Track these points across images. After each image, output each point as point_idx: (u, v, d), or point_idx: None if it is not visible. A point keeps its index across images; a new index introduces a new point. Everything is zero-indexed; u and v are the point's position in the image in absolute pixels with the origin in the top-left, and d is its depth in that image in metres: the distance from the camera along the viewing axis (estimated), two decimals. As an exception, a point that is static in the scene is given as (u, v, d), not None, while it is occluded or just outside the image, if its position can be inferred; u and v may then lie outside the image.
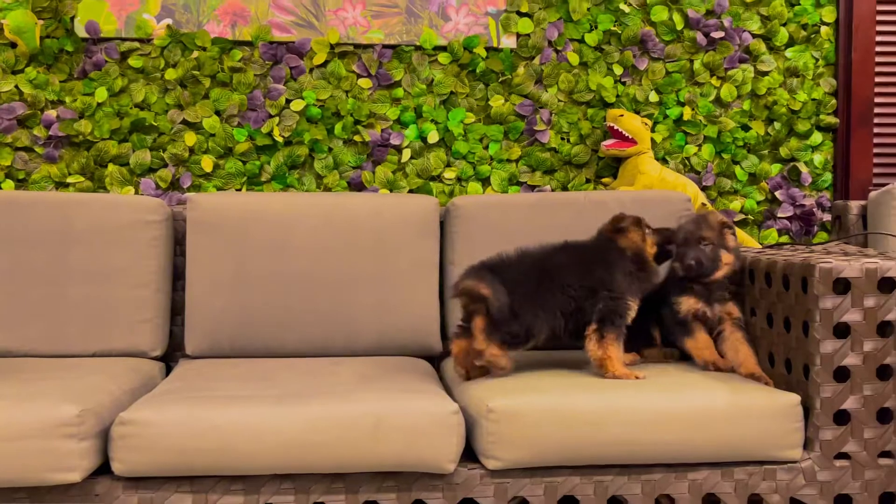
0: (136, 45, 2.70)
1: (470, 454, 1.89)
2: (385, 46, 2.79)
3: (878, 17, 2.97)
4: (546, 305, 2.04)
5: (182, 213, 2.51)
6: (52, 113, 2.67)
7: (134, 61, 2.70)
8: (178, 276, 2.49)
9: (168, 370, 2.43)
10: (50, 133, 2.67)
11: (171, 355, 2.48)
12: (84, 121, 2.68)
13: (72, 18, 2.68)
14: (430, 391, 1.92)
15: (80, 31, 2.68)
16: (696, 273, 2.15)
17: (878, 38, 2.97)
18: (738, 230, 2.82)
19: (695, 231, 2.17)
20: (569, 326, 2.07)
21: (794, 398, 1.89)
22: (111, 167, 2.70)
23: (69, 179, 2.68)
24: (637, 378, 2.01)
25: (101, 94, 2.68)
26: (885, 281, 1.91)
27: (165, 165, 2.72)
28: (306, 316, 2.38)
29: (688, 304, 2.19)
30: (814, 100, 2.96)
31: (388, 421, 1.77)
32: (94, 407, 1.78)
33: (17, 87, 2.68)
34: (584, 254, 2.15)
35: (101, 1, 2.68)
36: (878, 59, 2.97)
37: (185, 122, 2.73)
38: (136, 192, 2.70)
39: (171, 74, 2.71)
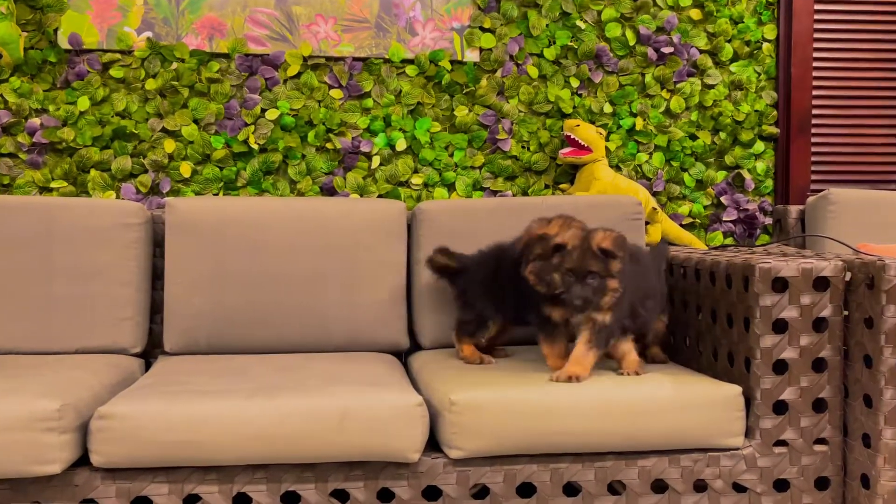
0: (118, 56, 2.67)
1: (434, 444, 1.89)
2: (355, 59, 2.78)
3: (815, 35, 3.00)
4: (497, 296, 2.08)
5: (161, 216, 2.48)
6: (35, 121, 2.63)
7: (115, 72, 2.66)
8: (157, 277, 2.47)
9: (147, 366, 2.41)
10: (34, 140, 2.63)
11: (151, 352, 2.46)
12: (67, 128, 2.64)
13: (55, 31, 2.64)
14: (396, 385, 1.92)
15: (63, 43, 2.64)
16: (582, 310, 1.94)
17: (816, 55, 3.01)
18: (686, 233, 2.84)
19: (581, 265, 1.91)
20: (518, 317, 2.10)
21: (736, 389, 1.91)
22: (93, 173, 2.66)
23: (53, 184, 2.65)
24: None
25: (84, 103, 2.64)
26: (819, 280, 1.93)
27: (145, 171, 2.70)
28: (280, 314, 2.37)
29: (559, 313, 2.02)
30: (756, 111, 2.99)
31: (354, 413, 1.76)
32: (74, 401, 1.75)
33: (1, 95, 2.63)
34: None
35: (83, 14, 2.64)
36: (815, 73, 3.01)
37: (164, 129, 2.70)
38: (118, 197, 2.67)
39: (151, 84, 2.68)
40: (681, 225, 2.93)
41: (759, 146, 3.00)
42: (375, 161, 2.79)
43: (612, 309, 1.94)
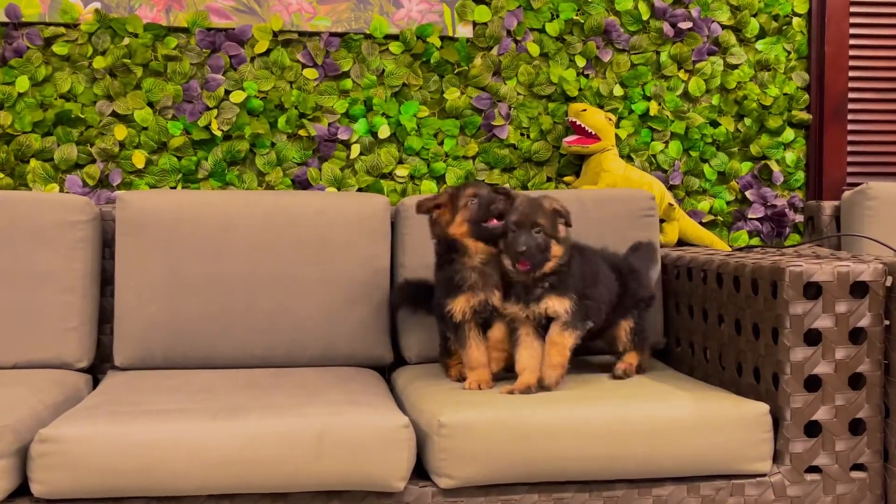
0: (62, 30, 2.67)
1: (421, 472, 1.89)
2: (332, 34, 2.78)
3: (852, 9, 3.02)
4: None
5: (111, 212, 2.48)
6: (-32, 103, 2.63)
7: (59, 48, 2.66)
8: (106, 281, 2.46)
9: (95, 383, 2.40)
10: (-34, 125, 2.63)
11: (99, 366, 2.45)
12: (3, 112, 2.64)
13: (-10, 1, 2.64)
14: (379, 404, 1.92)
15: (0, 15, 2.64)
16: (527, 267, 1.99)
17: (852, 31, 3.03)
18: (707, 232, 2.85)
19: (529, 214, 2.00)
20: None
21: (763, 408, 1.92)
22: (33, 163, 2.65)
23: (-13, 176, 2.64)
24: None
25: (23, 83, 2.63)
26: (857, 285, 1.94)
27: (93, 161, 2.69)
28: (246, 324, 2.37)
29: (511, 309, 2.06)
30: (785, 94, 3.00)
31: (332, 436, 1.76)
32: (13, 423, 1.74)
33: (-71, 75, 2.63)
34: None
35: (22, -18, 2.64)
36: (851, 52, 3.03)
37: (114, 114, 2.70)
38: (61, 190, 2.67)
39: (99, 63, 2.67)
40: (700, 223, 2.95)
41: (789, 134, 3.01)
42: (355, 150, 2.80)
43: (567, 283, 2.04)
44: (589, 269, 2.12)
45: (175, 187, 2.72)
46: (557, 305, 2.02)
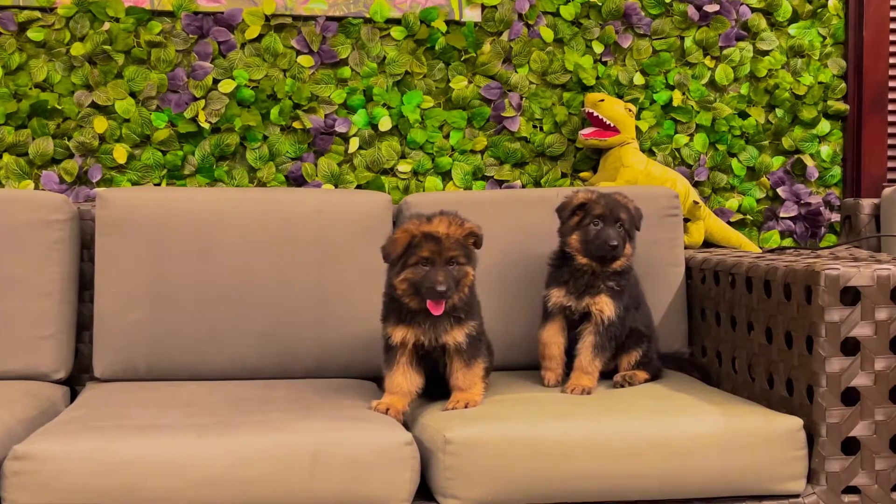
0: (37, 14, 2.67)
1: (425, 492, 1.89)
2: (329, 18, 2.79)
3: (893, -10, 3.02)
4: None
5: (90, 211, 2.48)
6: (-64, 94, 2.64)
7: (34, 34, 2.66)
8: (85, 286, 2.46)
9: (73, 395, 2.40)
10: (-66, 117, 2.64)
11: (77, 378, 2.46)
12: (-26, 103, 2.65)
13: (-40, -17, 2.65)
14: (379, 419, 1.92)
15: (-30, -2, 2.65)
16: (612, 257, 2.22)
17: (893, 14, 3.02)
18: (735, 233, 2.85)
19: (614, 208, 2.24)
20: None
21: (797, 423, 1.92)
22: (6, 157, 2.66)
23: (-44, 172, 2.65)
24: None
25: (-5, 71, 2.65)
26: (898, 290, 1.94)
27: (71, 156, 2.70)
28: (235, 332, 2.37)
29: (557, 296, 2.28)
30: (821, 83, 3.00)
31: (328, 454, 1.76)
32: (-17, 439, 1.75)
33: None
34: None
35: (-6, -37, 2.65)
36: (892, 37, 3.02)
37: (94, 105, 2.70)
38: (37, 187, 2.67)
39: (77, 49, 2.68)
40: (728, 222, 2.94)
41: (824, 126, 3.01)
42: (354, 144, 2.80)
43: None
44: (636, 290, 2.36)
45: (159, 184, 2.73)
46: (605, 307, 2.22)
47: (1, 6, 2.65)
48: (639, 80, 2.91)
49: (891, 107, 3.04)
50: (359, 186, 2.80)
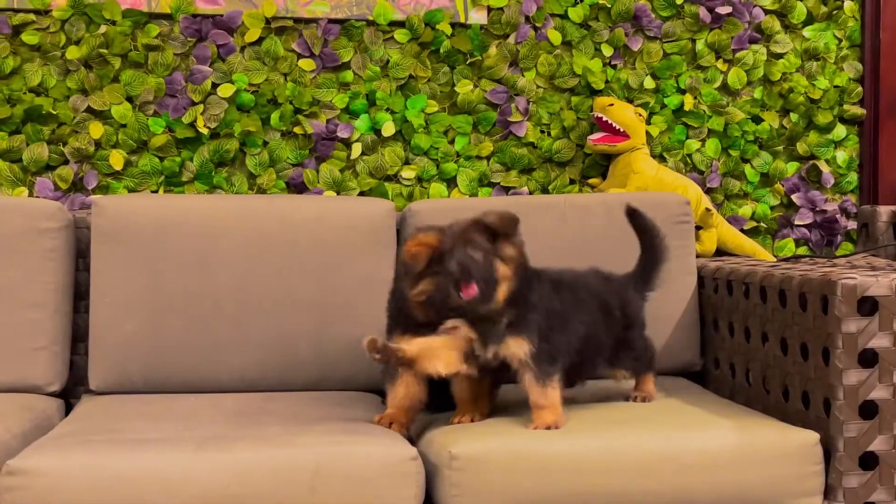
0: (32, 17, 2.68)
1: (430, 509, 1.89)
2: (331, 21, 2.79)
3: (911, -9, 3.02)
4: None
5: (86, 219, 2.48)
6: (-72, 99, 2.64)
7: (28, 37, 2.67)
8: (80, 296, 2.47)
9: (68, 408, 2.40)
10: (-75, 123, 2.64)
11: (72, 390, 2.45)
12: (-33, 108, 2.65)
13: (-47, -15, 2.65)
14: (382, 433, 1.92)
15: (-37, 1, 2.65)
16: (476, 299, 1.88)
17: (911, 16, 3.02)
18: (749, 240, 2.84)
19: (461, 234, 1.91)
20: None
21: (813, 437, 1.91)
22: (0, 164, 2.66)
23: (-51, 179, 2.66)
24: None
25: (-11, 76, 2.65)
26: (917, 300, 1.93)
27: (66, 162, 2.70)
28: (234, 344, 2.37)
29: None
30: (836, 87, 2.99)
31: (329, 469, 1.76)
32: (-25, 454, 1.75)
33: None
34: None
35: (-12, -36, 2.65)
36: (910, 39, 3.02)
37: (89, 110, 2.71)
38: (31, 195, 2.67)
39: (73, 53, 2.68)
40: (741, 230, 2.94)
41: (840, 131, 3.00)
42: (356, 150, 2.80)
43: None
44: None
45: (157, 191, 2.73)
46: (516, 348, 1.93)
47: (-5, 9, 2.66)
48: (649, 83, 2.91)
49: (909, 111, 3.03)
50: (361, 193, 2.80)
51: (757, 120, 2.97)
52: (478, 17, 2.84)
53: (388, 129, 2.80)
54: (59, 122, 2.69)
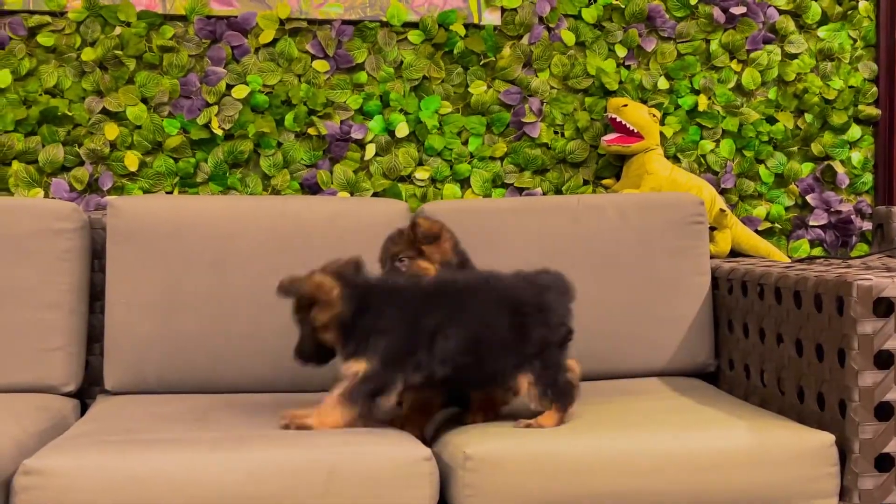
0: (47, 19, 2.69)
1: (444, 510, 1.89)
2: (345, 22, 2.80)
3: (926, -9, 3.01)
4: None
5: (101, 220, 2.49)
6: (-56, 100, 2.66)
7: (44, 39, 2.68)
8: (95, 296, 2.47)
9: (84, 408, 2.41)
10: (-58, 124, 2.66)
11: (88, 390, 2.46)
12: (-17, 110, 2.67)
13: (-31, -13, 2.67)
14: (396, 434, 1.92)
15: (-21, 3, 2.67)
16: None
17: (927, 15, 3.01)
18: (763, 242, 2.84)
19: (388, 247, 2.15)
20: None
21: (828, 438, 1.91)
22: (16, 165, 2.68)
23: (-35, 180, 2.67)
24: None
25: (5, 77, 2.66)
26: (933, 301, 1.93)
27: (81, 163, 2.71)
28: (249, 344, 2.37)
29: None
30: (851, 87, 2.99)
31: (343, 470, 1.76)
32: (-7, 454, 1.76)
33: None
34: None
35: (4, -33, 2.67)
36: (926, 39, 3.01)
37: (105, 111, 2.72)
38: (46, 196, 2.69)
39: (88, 55, 2.70)
40: (756, 231, 2.93)
41: (855, 131, 3.00)
42: (370, 150, 2.80)
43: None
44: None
45: (171, 192, 2.74)
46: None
47: (10, 11, 2.67)
48: (663, 84, 2.91)
49: (924, 111, 3.03)
50: (375, 194, 2.80)
51: (771, 120, 2.97)
52: (491, 18, 2.85)
53: (402, 130, 2.81)
54: (75, 123, 2.71)
